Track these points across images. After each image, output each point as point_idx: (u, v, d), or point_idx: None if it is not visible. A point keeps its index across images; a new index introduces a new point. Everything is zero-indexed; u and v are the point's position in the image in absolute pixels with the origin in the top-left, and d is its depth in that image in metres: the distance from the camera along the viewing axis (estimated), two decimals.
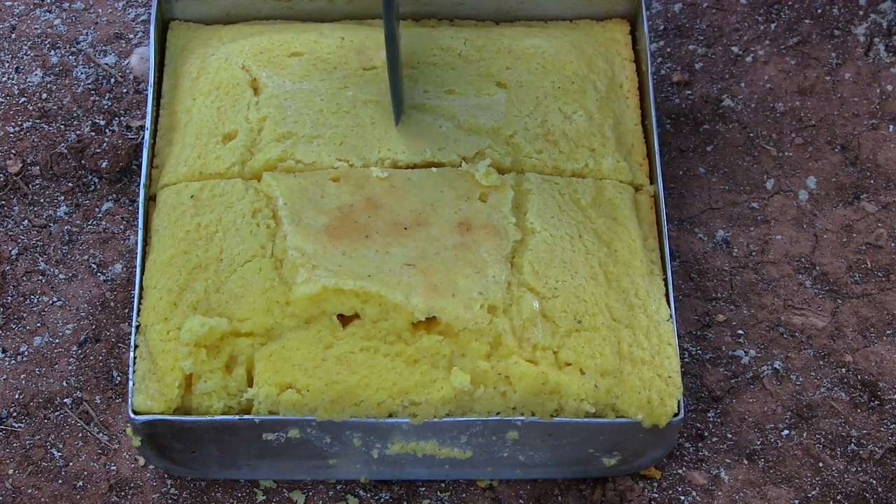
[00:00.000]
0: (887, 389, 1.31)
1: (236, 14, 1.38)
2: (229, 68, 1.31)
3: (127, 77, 1.46)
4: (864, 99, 1.47)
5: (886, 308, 1.35)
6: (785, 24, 1.52)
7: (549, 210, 1.23)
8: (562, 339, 1.16)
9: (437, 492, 1.25)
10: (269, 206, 1.21)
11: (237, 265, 1.18)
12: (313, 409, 1.14)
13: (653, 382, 1.17)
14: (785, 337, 1.33)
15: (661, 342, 1.19)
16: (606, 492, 1.25)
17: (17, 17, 1.50)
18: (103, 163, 1.40)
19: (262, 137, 1.26)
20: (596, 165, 1.28)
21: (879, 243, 1.39)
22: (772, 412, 1.29)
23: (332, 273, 1.14)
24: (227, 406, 1.15)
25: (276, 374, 1.14)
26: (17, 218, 1.38)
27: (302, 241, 1.17)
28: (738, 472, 1.27)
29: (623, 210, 1.25)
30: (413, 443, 1.18)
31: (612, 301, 1.20)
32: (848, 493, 1.25)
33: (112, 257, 1.35)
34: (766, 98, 1.47)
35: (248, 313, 1.15)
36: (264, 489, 1.25)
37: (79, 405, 1.28)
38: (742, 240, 1.39)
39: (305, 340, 1.15)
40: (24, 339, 1.31)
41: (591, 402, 1.16)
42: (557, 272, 1.19)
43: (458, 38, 1.35)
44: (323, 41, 1.33)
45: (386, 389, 1.14)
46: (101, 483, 1.24)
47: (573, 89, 1.31)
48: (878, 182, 1.42)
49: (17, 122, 1.43)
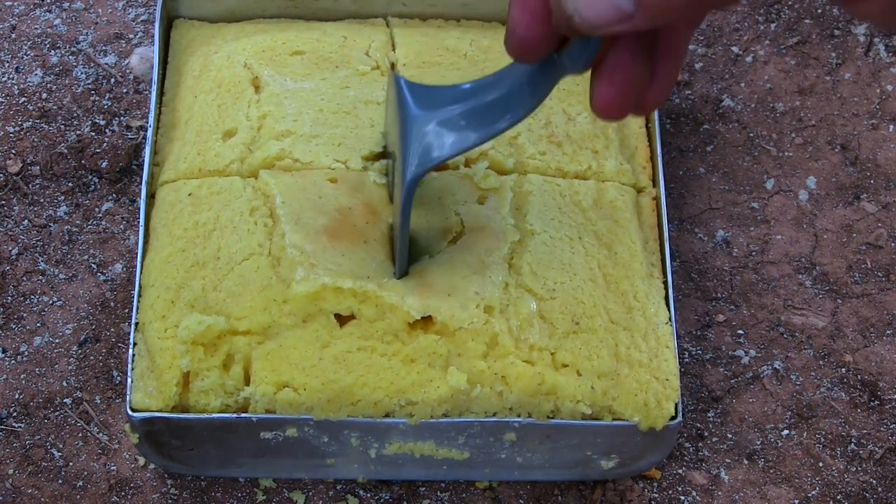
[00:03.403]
0: (887, 389, 1.30)
1: (241, 12, 1.39)
2: (231, 66, 1.31)
3: (127, 77, 1.47)
4: (864, 99, 1.47)
5: (886, 308, 1.35)
6: (785, 24, 1.52)
7: (550, 212, 1.23)
8: (559, 341, 1.16)
9: (437, 492, 1.25)
10: (266, 205, 1.21)
11: (235, 263, 1.18)
12: (310, 407, 1.14)
13: (650, 385, 1.17)
14: (785, 337, 1.33)
15: (660, 345, 1.19)
16: (606, 492, 1.25)
17: (17, 17, 1.50)
18: (103, 163, 1.40)
19: (261, 135, 1.26)
20: (599, 167, 1.28)
21: (879, 243, 1.39)
22: (772, 412, 1.29)
23: (330, 272, 1.14)
24: (224, 404, 1.15)
25: (274, 372, 1.14)
26: (17, 218, 1.38)
27: (301, 240, 1.17)
28: (738, 472, 1.26)
29: (624, 212, 1.25)
30: (411, 443, 1.18)
31: (611, 303, 1.19)
32: (848, 493, 1.25)
33: (112, 257, 1.36)
34: (766, 98, 1.47)
35: (245, 311, 1.15)
36: (264, 489, 1.25)
37: (79, 405, 1.28)
38: (742, 240, 1.39)
39: (303, 339, 1.15)
40: (24, 339, 1.31)
41: (588, 403, 1.16)
42: (556, 273, 1.19)
43: (464, 39, 1.35)
44: (325, 40, 1.33)
45: (383, 388, 1.14)
46: (101, 483, 1.24)
47: (578, 91, 1.31)
48: (878, 182, 1.42)
49: (17, 122, 1.43)
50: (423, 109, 1.07)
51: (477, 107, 1.03)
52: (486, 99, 1.02)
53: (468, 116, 1.04)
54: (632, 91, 0.93)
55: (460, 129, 1.04)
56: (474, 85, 1.04)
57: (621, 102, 0.93)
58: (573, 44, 0.92)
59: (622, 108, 0.94)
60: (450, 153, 1.05)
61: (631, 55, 0.91)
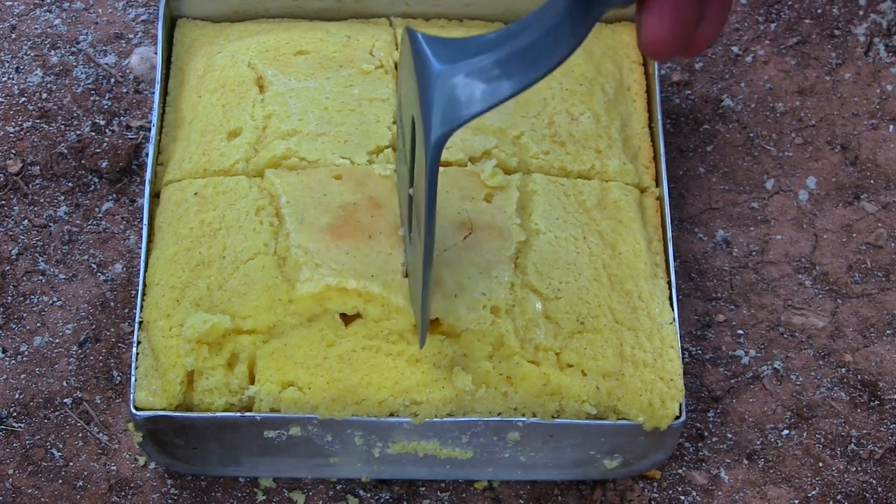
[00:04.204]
0: (887, 389, 1.31)
1: (244, 12, 1.39)
2: (235, 66, 1.31)
3: (127, 77, 1.46)
4: (864, 99, 1.47)
5: (886, 308, 1.35)
6: (785, 24, 1.52)
7: (555, 211, 1.23)
8: (564, 341, 1.16)
9: (437, 492, 1.25)
10: (272, 204, 1.21)
11: (240, 262, 1.18)
12: (314, 406, 1.14)
13: (654, 385, 1.17)
14: (785, 337, 1.33)
15: (664, 345, 1.19)
16: (606, 492, 1.25)
17: (17, 17, 1.50)
18: (103, 163, 1.40)
19: (266, 135, 1.26)
20: (602, 167, 1.28)
21: (879, 243, 1.39)
22: (772, 412, 1.29)
23: (335, 272, 1.14)
24: (228, 403, 1.15)
25: (278, 371, 1.14)
26: (17, 218, 1.37)
27: (305, 240, 1.17)
28: (738, 472, 1.26)
29: (628, 212, 1.25)
30: (414, 442, 1.18)
31: (616, 303, 1.19)
32: (848, 493, 1.25)
33: (112, 257, 1.35)
34: (766, 98, 1.47)
35: (250, 311, 1.15)
36: (264, 489, 1.24)
37: (79, 405, 1.28)
38: (742, 240, 1.39)
39: (308, 338, 1.15)
40: (24, 339, 1.31)
41: (593, 403, 1.16)
42: (561, 273, 1.19)
43: None
44: (329, 40, 1.33)
45: (387, 388, 1.14)
46: (101, 483, 1.24)
47: (581, 91, 1.31)
48: (878, 182, 1.42)
49: (17, 122, 1.43)
50: (446, 63, 0.94)
51: (510, 53, 0.92)
52: (521, 44, 0.92)
53: (501, 64, 0.92)
54: (682, 27, 0.86)
55: (491, 79, 0.92)
56: (504, 31, 0.93)
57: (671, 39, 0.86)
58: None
59: (672, 45, 0.87)
60: (481, 108, 0.93)
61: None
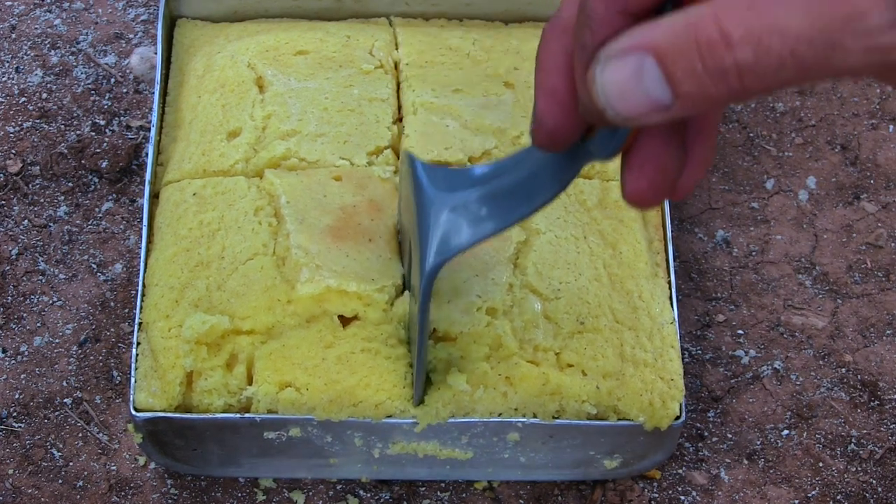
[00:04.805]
0: (887, 389, 1.31)
1: (244, 12, 1.39)
2: (235, 66, 1.31)
3: (127, 77, 1.46)
4: (864, 99, 1.47)
5: (886, 308, 1.35)
6: None
7: (555, 211, 1.23)
8: (564, 341, 1.16)
9: (437, 492, 1.25)
10: (271, 204, 1.21)
11: (239, 263, 1.18)
12: (312, 408, 1.14)
13: (655, 385, 1.17)
14: (785, 337, 1.33)
15: (664, 345, 1.19)
16: (606, 492, 1.25)
17: (17, 17, 1.50)
18: (103, 163, 1.40)
19: (266, 135, 1.26)
20: (602, 166, 1.28)
21: (879, 243, 1.39)
22: (772, 412, 1.29)
23: (336, 274, 1.14)
24: (227, 404, 1.15)
25: (276, 372, 1.14)
26: (17, 218, 1.37)
27: (305, 241, 1.17)
28: (738, 472, 1.26)
29: (629, 212, 1.25)
30: (414, 443, 1.18)
31: (616, 303, 1.19)
32: (848, 493, 1.25)
33: (112, 257, 1.35)
34: (765, 98, 1.47)
35: (249, 311, 1.15)
36: (264, 489, 1.24)
37: (79, 405, 1.28)
38: (742, 240, 1.39)
39: (306, 339, 1.15)
40: (24, 339, 1.31)
41: (593, 403, 1.16)
42: (561, 273, 1.19)
43: (467, 39, 1.35)
44: (329, 40, 1.33)
45: (385, 391, 1.14)
46: (101, 483, 1.24)
47: None
48: (878, 182, 1.42)
49: (17, 122, 1.43)
50: (440, 191, 1.01)
51: (495, 191, 0.97)
52: (505, 183, 0.96)
53: (486, 201, 0.97)
54: (664, 180, 0.86)
55: (478, 217, 0.98)
56: (493, 167, 0.98)
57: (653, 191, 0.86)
58: (600, 131, 0.87)
59: (655, 196, 0.87)
60: (468, 243, 0.99)
61: (662, 141, 0.84)
